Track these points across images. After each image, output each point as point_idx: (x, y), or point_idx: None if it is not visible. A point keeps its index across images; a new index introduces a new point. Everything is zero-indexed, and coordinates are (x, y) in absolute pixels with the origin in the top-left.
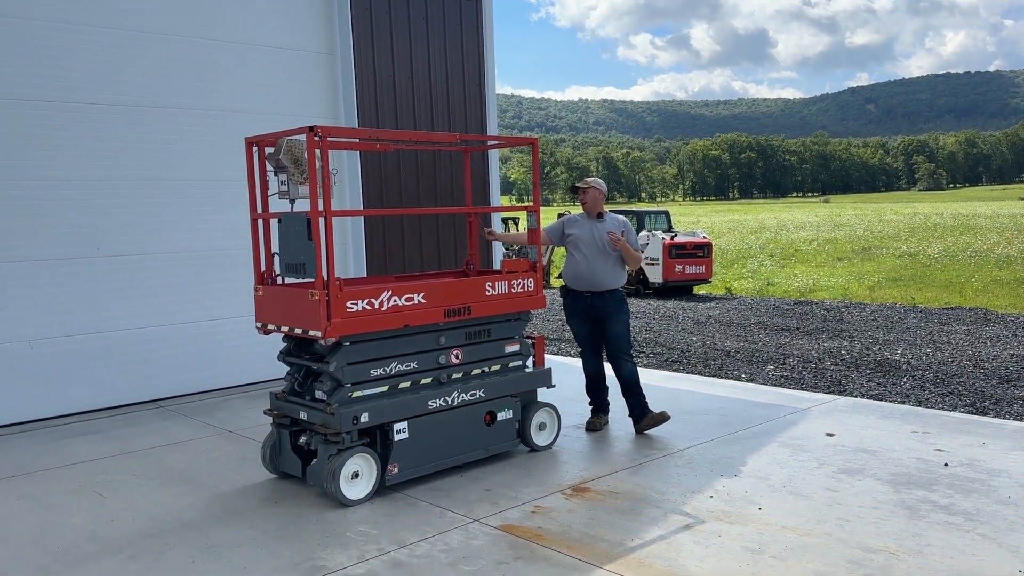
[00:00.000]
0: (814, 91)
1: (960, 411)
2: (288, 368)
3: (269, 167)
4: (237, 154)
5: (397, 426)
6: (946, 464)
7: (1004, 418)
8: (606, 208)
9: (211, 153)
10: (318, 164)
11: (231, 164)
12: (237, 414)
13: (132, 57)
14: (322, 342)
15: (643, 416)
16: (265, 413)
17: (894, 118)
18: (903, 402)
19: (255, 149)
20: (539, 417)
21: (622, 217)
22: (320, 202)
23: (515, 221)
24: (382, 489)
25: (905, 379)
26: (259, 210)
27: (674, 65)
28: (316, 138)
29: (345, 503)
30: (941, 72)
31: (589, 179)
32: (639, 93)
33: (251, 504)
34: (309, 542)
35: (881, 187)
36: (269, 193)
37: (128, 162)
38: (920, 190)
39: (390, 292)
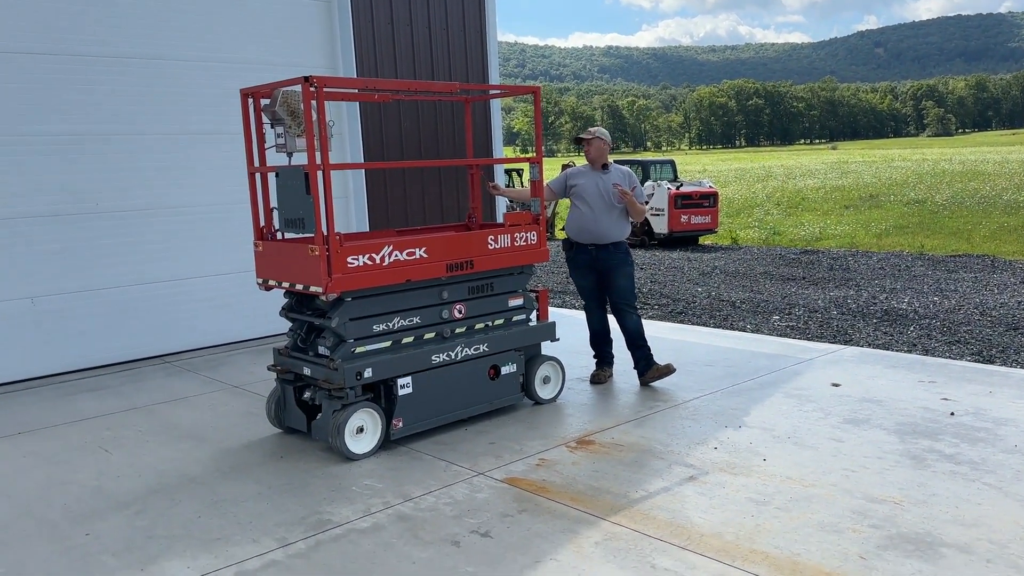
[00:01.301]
0: (822, 35)
1: (967, 360)
2: (290, 324)
3: (265, 119)
4: (234, 106)
5: (401, 381)
6: (952, 413)
7: (1011, 366)
8: (611, 158)
9: (209, 104)
10: (315, 116)
11: (230, 116)
12: (242, 369)
13: (125, 7)
14: (323, 298)
15: (648, 368)
16: (269, 369)
17: (904, 62)
18: (909, 351)
19: (250, 101)
20: (543, 371)
21: (627, 168)
22: (318, 155)
23: (519, 172)
24: (387, 443)
25: (912, 328)
26: (256, 163)
27: (678, 10)
28: (312, 89)
29: (350, 457)
30: (952, 15)
31: (593, 129)
32: (643, 39)
33: (257, 459)
34: (315, 496)
35: (890, 133)
36: (266, 146)
37: (125, 116)
38: (929, 136)
39: (391, 247)
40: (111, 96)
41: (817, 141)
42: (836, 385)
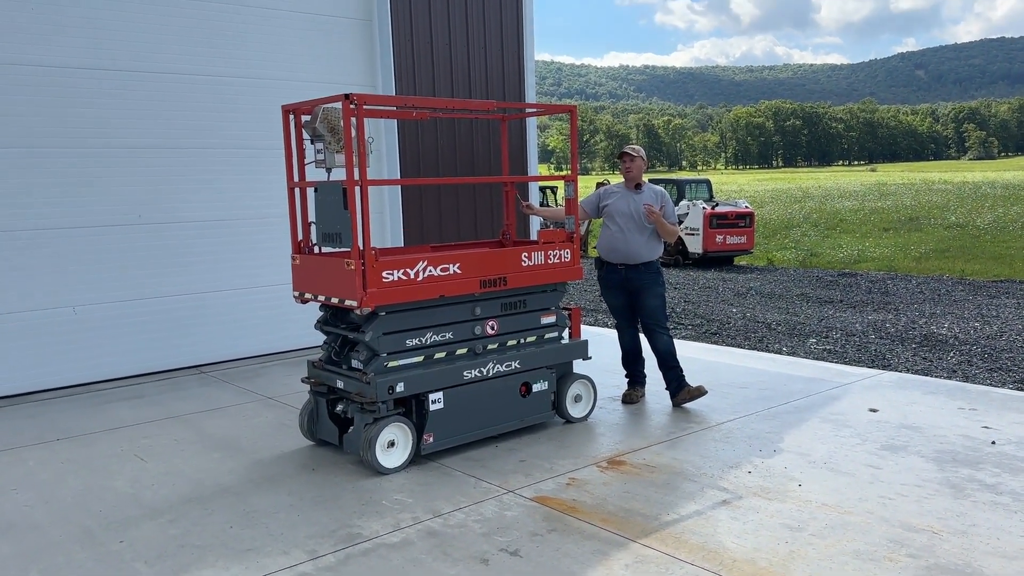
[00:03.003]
0: (859, 57)
1: (1009, 387)
2: (325, 337)
3: (306, 135)
4: (276, 122)
5: (432, 396)
6: (993, 442)
7: None
8: (645, 177)
9: (252, 121)
10: (354, 132)
11: (271, 132)
12: (276, 381)
13: (168, 24)
14: (358, 312)
15: (680, 389)
16: (303, 381)
17: (944, 84)
18: (949, 378)
19: (291, 117)
20: (575, 389)
21: (660, 188)
22: (356, 171)
23: (553, 190)
24: (417, 458)
25: (952, 354)
26: (296, 179)
27: (713, 31)
28: (352, 106)
29: (381, 471)
30: (994, 37)
31: (635, 147)
32: (679, 59)
33: (289, 471)
34: (345, 509)
35: (930, 156)
36: (306, 162)
37: (168, 131)
38: (971, 159)
39: (426, 262)
40: (152, 111)
41: (856, 163)
42: (874, 411)
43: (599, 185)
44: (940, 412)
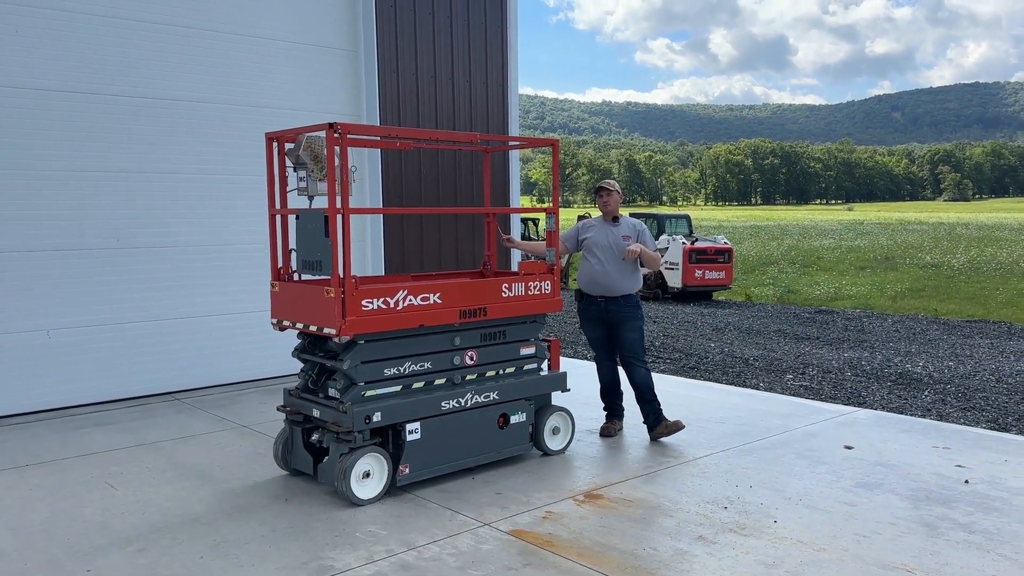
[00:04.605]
0: (836, 98)
1: (982, 427)
2: (302, 365)
3: (289, 163)
4: (259, 149)
5: (409, 426)
6: (967, 481)
7: None
8: (627, 212)
9: (234, 148)
10: (337, 161)
11: (253, 159)
12: (251, 409)
13: (155, 50)
14: (336, 340)
15: (657, 423)
16: (278, 410)
17: (920, 127)
18: (924, 416)
19: (275, 145)
20: (553, 421)
21: (637, 220)
22: (338, 199)
23: (535, 222)
24: (393, 490)
25: (926, 392)
26: (277, 206)
27: (693, 70)
28: (336, 135)
29: (355, 502)
30: (969, 82)
31: (611, 181)
32: (659, 97)
33: (262, 501)
34: (318, 541)
35: (906, 196)
36: (288, 189)
37: (149, 155)
38: (946, 200)
39: (406, 291)
40: (133, 135)
41: (833, 202)
42: (849, 448)
43: (580, 218)
44: (914, 450)
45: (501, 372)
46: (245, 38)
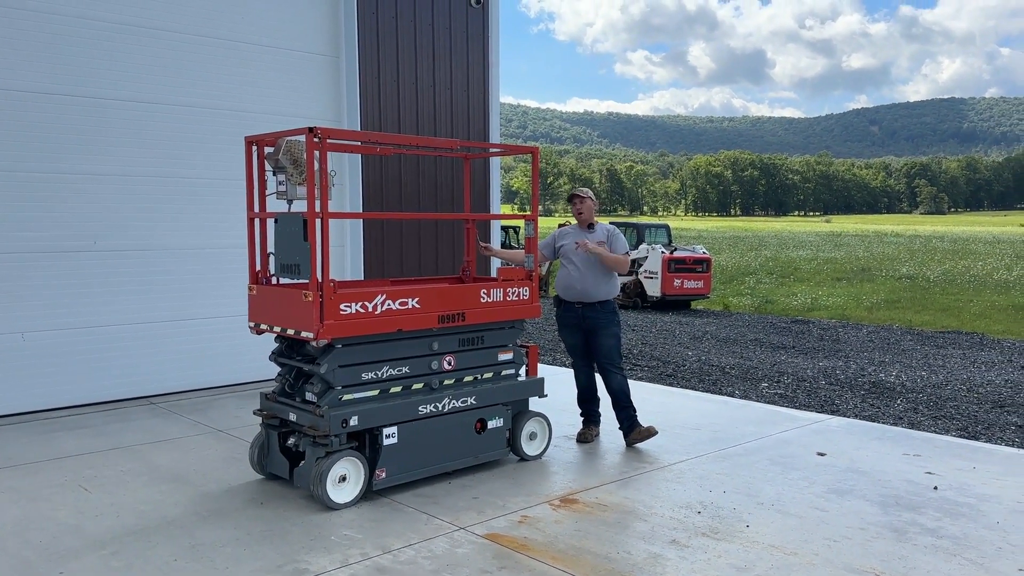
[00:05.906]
0: (814, 111)
1: (952, 435)
2: (279, 369)
3: (268, 167)
4: (238, 153)
5: (387, 431)
6: (936, 487)
7: (995, 443)
8: (607, 220)
9: (213, 152)
10: (316, 165)
11: (232, 163)
12: (227, 413)
13: (135, 53)
14: (314, 344)
15: (632, 429)
16: (255, 414)
17: (898, 140)
18: (896, 424)
19: (254, 148)
20: (530, 426)
21: (610, 225)
22: (317, 203)
23: (515, 229)
24: (369, 494)
25: (899, 401)
26: (256, 209)
27: (672, 81)
28: (315, 139)
29: (331, 506)
30: (945, 97)
31: (584, 188)
32: (640, 108)
33: (237, 504)
34: (293, 544)
35: (883, 208)
36: (267, 193)
37: (127, 158)
38: (922, 213)
39: (384, 296)
40: (110, 138)
41: (811, 213)
42: (822, 454)
43: (561, 227)
44: (886, 457)
45: (479, 377)
46: (226, 42)
